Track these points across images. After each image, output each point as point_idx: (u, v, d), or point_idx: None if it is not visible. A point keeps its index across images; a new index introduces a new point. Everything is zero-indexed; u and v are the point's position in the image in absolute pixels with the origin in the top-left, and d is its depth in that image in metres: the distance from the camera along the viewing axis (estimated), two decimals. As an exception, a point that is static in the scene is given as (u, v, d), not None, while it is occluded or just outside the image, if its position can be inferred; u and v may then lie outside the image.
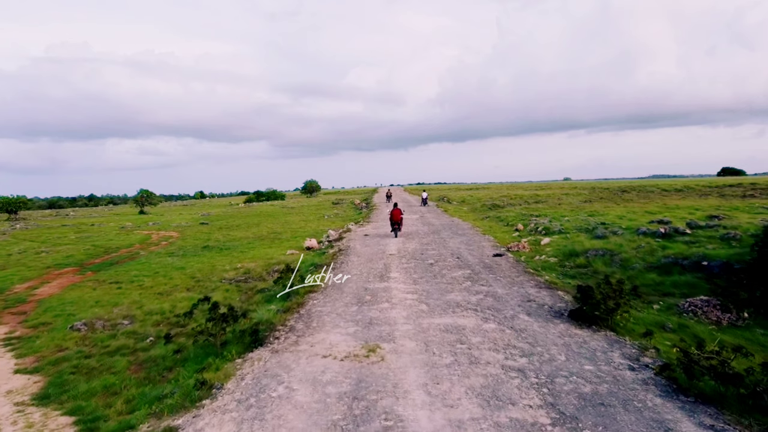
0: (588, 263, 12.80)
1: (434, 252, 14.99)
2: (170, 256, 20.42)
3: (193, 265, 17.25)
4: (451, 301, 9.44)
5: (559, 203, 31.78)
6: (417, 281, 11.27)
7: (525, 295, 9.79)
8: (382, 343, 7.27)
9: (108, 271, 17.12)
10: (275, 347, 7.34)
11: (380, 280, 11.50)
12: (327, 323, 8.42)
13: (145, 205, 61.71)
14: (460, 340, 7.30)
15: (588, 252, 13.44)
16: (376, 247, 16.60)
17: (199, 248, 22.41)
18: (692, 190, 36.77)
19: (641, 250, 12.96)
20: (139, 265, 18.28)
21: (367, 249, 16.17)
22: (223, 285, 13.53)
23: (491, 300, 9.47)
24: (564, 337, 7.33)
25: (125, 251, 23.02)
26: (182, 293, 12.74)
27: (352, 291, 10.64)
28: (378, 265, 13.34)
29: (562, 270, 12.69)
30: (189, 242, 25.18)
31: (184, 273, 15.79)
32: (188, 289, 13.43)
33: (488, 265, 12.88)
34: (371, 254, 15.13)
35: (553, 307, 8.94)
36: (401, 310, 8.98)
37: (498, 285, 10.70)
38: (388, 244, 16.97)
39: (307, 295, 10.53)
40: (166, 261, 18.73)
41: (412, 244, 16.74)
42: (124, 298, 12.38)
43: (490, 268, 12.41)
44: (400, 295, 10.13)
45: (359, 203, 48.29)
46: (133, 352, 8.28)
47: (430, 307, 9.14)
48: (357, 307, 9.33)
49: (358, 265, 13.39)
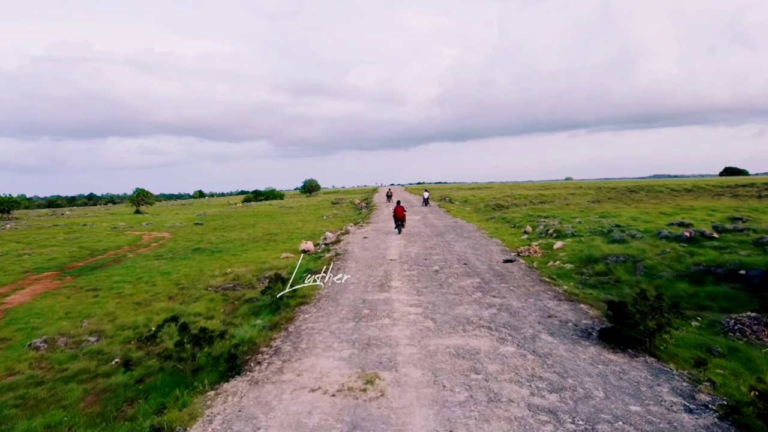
0: (608, 270, 11.65)
1: (439, 257, 13.85)
2: (158, 259, 19.29)
3: (179, 270, 16.12)
4: (461, 317, 8.30)
5: (566, 204, 30.62)
6: (421, 291, 10.13)
7: (544, 309, 8.64)
8: (381, 372, 6.13)
9: (89, 276, 15.98)
10: (255, 376, 6.19)
11: (380, 290, 10.35)
12: (318, 344, 7.28)
13: (141, 204, 60.58)
14: (474, 368, 6.16)
15: (608, 258, 12.29)
16: (376, 251, 15.45)
17: (190, 250, 21.28)
18: (702, 190, 35.60)
19: (666, 256, 11.81)
20: (124, 269, 17.15)
21: (367, 253, 15.03)
22: (209, 293, 12.39)
23: (506, 315, 8.33)
24: (598, 365, 6.18)
25: (112, 253, 21.89)
26: (163, 303, 11.60)
27: (349, 303, 9.49)
28: (378, 272, 12.20)
29: (580, 278, 11.55)
30: (180, 244, 24.05)
31: (169, 279, 14.66)
32: (170, 297, 12.29)
33: (499, 272, 11.73)
34: (371, 259, 13.99)
35: (578, 325, 7.80)
36: (404, 328, 7.84)
37: (512, 296, 9.55)
38: (389, 248, 15.83)
39: (297, 307, 9.39)
40: (153, 265, 17.60)
41: (415, 248, 15.59)
42: (98, 309, 11.24)
43: (502, 276, 11.26)
44: (402, 308, 8.99)
45: (359, 203, 47.16)
46: (93, 378, 7.14)
47: (437, 323, 7.99)
48: (353, 324, 8.19)
49: (356, 272, 12.24)
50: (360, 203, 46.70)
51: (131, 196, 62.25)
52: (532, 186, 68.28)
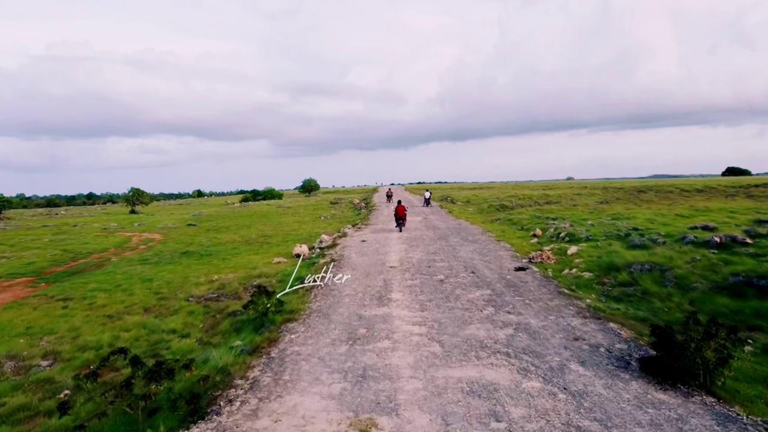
0: (633, 281, 10.46)
1: (443, 264, 12.65)
2: (142, 263, 18.10)
3: (163, 277, 14.93)
4: (473, 339, 7.11)
5: (573, 204, 29.41)
6: (425, 305, 8.93)
7: (568, 330, 7.45)
8: (379, 417, 4.95)
9: (64, 283, 14.79)
10: (223, 422, 5.00)
11: (378, 304, 9.16)
12: (304, 375, 6.09)
13: (136, 204, 59.39)
14: (494, 412, 4.97)
15: (631, 266, 11.10)
16: (375, 256, 14.25)
17: (178, 254, 20.09)
18: (714, 190, 34.37)
19: (698, 264, 10.62)
20: (104, 275, 15.96)
21: (365, 259, 13.83)
22: (189, 305, 11.20)
23: (525, 337, 7.14)
24: (647, 408, 4.99)
25: (96, 257, 20.70)
26: (136, 317, 10.41)
27: (343, 320, 8.30)
28: (376, 281, 11.00)
29: (602, 289, 10.36)
30: (169, 246, 22.86)
31: (150, 287, 13.46)
32: (147, 309, 11.10)
33: (511, 282, 10.54)
34: (369, 266, 12.79)
35: (612, 351, 6.60)
36: (406, 353, 6.66)
37: (529, 312, 8.35)
38: (388, 253, 14.63)
39: (284, 325, 8.19)
40: (135, 270, 16.41)
41: (417, 253, 14.39)
42: (62, 323, 10.04)
43: (515, 287, 10.07)
44: (404, 327, 7.80)
45: (358, 203, 45.98)
46: (32, 418, 5.94)
47: (444, 348, 6.80)
48: (347, 347, 7.00)
49: (352, 282, 11.05)
50: (359, 203, 45.53)
51: (126, 196, 61.05)
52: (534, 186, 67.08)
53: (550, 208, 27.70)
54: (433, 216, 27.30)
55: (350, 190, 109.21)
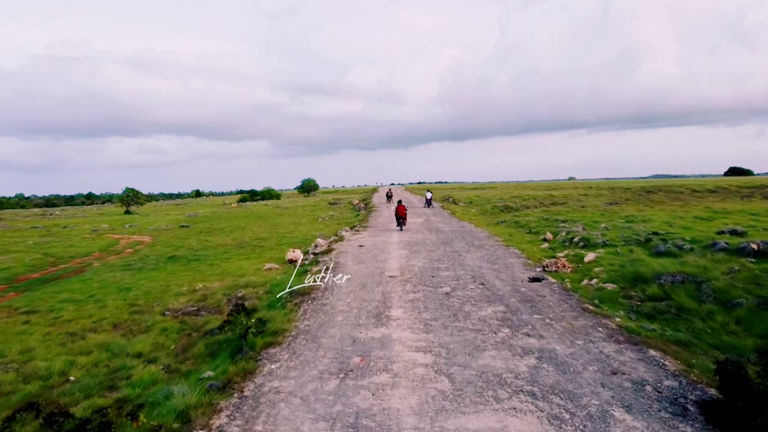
0: (665, 294, 9.24)
1: (449, 273, 11.43)
2: (125, 269, 16.92)
3: (142, 285, 13.74)
4: (488, 372, 5.91)
5: (582, 206, 28.19)
6: (429, 326, 7.72)
7: (602, 359, 6.24)
8: (373, 494, 3.74)
9: (35, 293, 13.60)
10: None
11: (376, 323, 7.95)
12: (282, 424, 4.88)
13: (131, 204, 58.22)
14: (525, 488, 3.76)
15: (661, 277, 9.87)
16: (373, 263, 13.04)
17: (164, 259, 18.91)
18: (727, 190, 33.12)
19: (737, 276, 9.40)
20: (80, 283, 14.77)
21: (362, 267, 12.61)
22: (164, 320, 10.00)
23: (552, 370, 5.92)
24: (726, 482, 3.79)
25: (77, 262, 19.51)
26: (102, 335, 9.20)
27: (334, 344, 7.09)
28: (374, 294, 9.78)
29: (630, 304, 9.14)
30: (157, 250, 21.68)
31: (125, 297, 12.27)
32: (115, 326, 9.89)
33: (527, 296, 9.32)
34: (366, 276, 11.58)
35: (661, 390, 5.39)
36: (408, 391, 5.45)
37: (552, 335, 7.15)
38: (388, 260, 13.41)
39: (265, 350, 6.99)
40: (115, 278, 15.22)
41: (419, 260, 13.18)
42: (16, 344, 8.83)
43: (532, 303, 8.85)
44: (405, 354, 6.59)
45: (357, 203, 44.80)
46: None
47: (455, 384, 5.60)
48: (337, 382, 5.79)
49: (346, 295, 9.84)
50: (358, 204, 44.35)
51: (121, 196, 59.88)
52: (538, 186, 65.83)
53: (558, 210, 26.49)
54: (435, 218, 26.09)
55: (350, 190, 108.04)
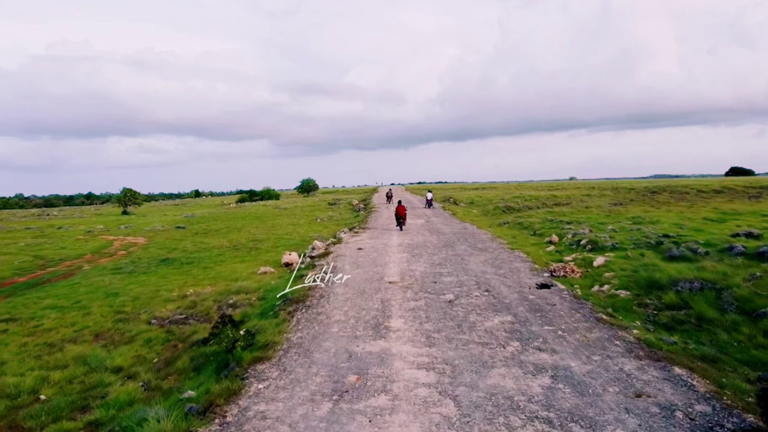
0: (683, 302, 8.65)
1: (452, 279, 10.83)
2: (115, 273, 16.34)
3: (131, 290, 13.16)
4: (498, 393, 5.32)
5: (586, 207, 27.60)
6: (432, 338, 7.14)
7: (623, 379, 5.65)
8: None
9: (18, 299, 13.02)
10: None
11: (374, 335, 7.36)
12: (265, 457, 4.30)
13: (128, 204, 57.62)
14: None
15: (677, 283, 9.28)
16: (372, 268, 12.45)
17: (156, 262, 18.32)
18: (733, 191, 32.53)
19: (760, 282, 8.81)
20: (67, 287, 14.19)
21: (360, 272, 12.02)
22: (150, 329, 9.41)
23: (569, 391, 5.34)
24: None
25: (67, 265, 18.93)
26: (81, 346, 8.62)
27: (328, 360, 6.51)
28: (372, 302, 9.19)
29: (646, 313, 8.55)
30: (150, 252, 21.09)
31: (112, 304, 11.69)
32: (97, 335, 9.31)
33: (536, 304, 8.73)
34: (364, 281, 10.99)
35: (693, 416, 4.80)
36: (410, 417, 4.87)
37: (566, 350, 6.56)
38: (387, 264, 12.82)
39: (252, 366, 6.40)
40: (103, 282, 14.64)
41: (420, 264, 12.59)
42: (-12, 356, 8.25)
43: (541, 312, 8.26)
44: (406, 371, 6.01)
45: (357, 204, 44.22)
46: None
47: (461, 409, 5.02)
48: (330, 405, 5.21)
49: (343, 303, 9.25)
50: (358, 204, 43.77)
51: (118, 196, 59.26)
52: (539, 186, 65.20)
53: (561, 210, 25.90)
54: (436, 219, 25.49)
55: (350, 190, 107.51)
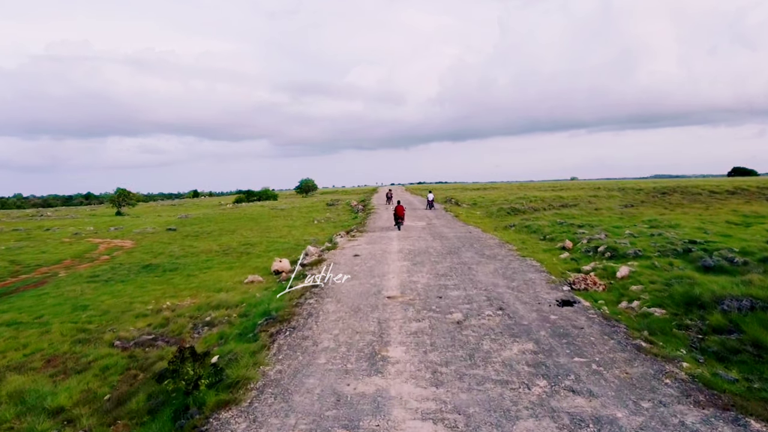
0: (732, 325, 7.37)
1: (459, 293, 9.54)
2: (90, 281, 15.07)
3: (103, 302, 11.90)
4: (529, 462, 4.05)
5: (595, 208, 26.31)
6: (439, 374, 5.86)
7: (688, 438, 4.38)
8: None
9: (-24, 312, 11.74)
10: None
11: (368, 369, 6.08)
12: None
13: (122, 205, 56.30)
14: None
15: (722, 301, 7.99)
16: (369, 279, 11.15)
17: (138, 268, 17.06)
18: (747, 192, 31.23)
19: (822, 301, 7.53)
20: (33, 298, 12.92)
21: (355, 285, 10.73)
22: (111, 353, 8.14)
23: (622, 460, 4.06)
24: None
25: (43, 271, 17.65)
26: (26, 376, 7.32)
27: (311, 405, 5.23)
28: (368, 323, 7.91)
29: (689, 337, 7.27)
30: (135, 257, 19.83)
31: (77, 319, 10.42)
32: (50, 361, 8.03)
33: (560, 327, 7.44)
34: (359, 296, 9.70)
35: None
36: (413, 502, 3.59)
37: (606, 391, 5.28)
38: (386, 274, 11.53)
39: (216, 413, 5.13)
40: (75, 292, 13.37)
41: (423, 275, 11.30)
42: None
43: (567, 337, 6.98)
44: (408, 424, 4.73)
45: (356, 205, 42.95)
46: None
47: (482, 489, 3.74)
48: (307, 480, 3.93)
49: (334, 324, 7.96)
50: (356, 205, 42.50)
51: (112, 196, 57.94)
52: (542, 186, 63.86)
53: (570, 212, 24.61)
54: (437, 221, 24.20)
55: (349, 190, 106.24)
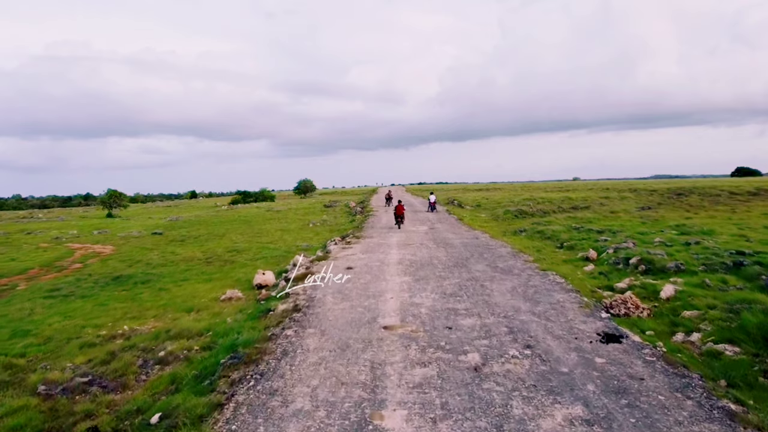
0: (841, 374, 5.56)
1: (473, 322, 7.70)
2: (49, 296, 13.29)
3: (50, 325, 10.12)
4: None
5: (610, 211, 24.47)
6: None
7: None
8: None
9: None
10: None
11: (355, 452, 4.28)
12: None
13: (114, 207, 54.44)
14: None
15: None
16: (363, 301, 9.30)
17: (108, 279, 15.28)
18: (769, 192, 29.42)
19: None
20: (-27, 319, 11.12)
21: (345, 308, 8.89)
22: (29, 405, 6.30)
23: None
24: None
25: (2, 283, 15.86)
26: None
27: None
28: (357, 368, 6.07)
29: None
30: (109, 266, 18.04)
31: (8, 351, 8.62)
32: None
33: (611, 377, 5.62)
34: (349, 325, 7.87)
35: None
36: None
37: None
38: (383, 295, 9.69)
39: None
40: (23, 311, 11.59)
41: (427, 296, 9.45)
42: None
43: (626, 395, 5.17)
44: None
45: (354, 206, 41.15)
46: None
47: None
48: None
49: (313, 369, 6.13)
50: (355, 207, 40.68)
51: (103, 198, 56.07)
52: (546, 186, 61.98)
53: (584, 216, 22.79)
54: (441, 225, 22.37)
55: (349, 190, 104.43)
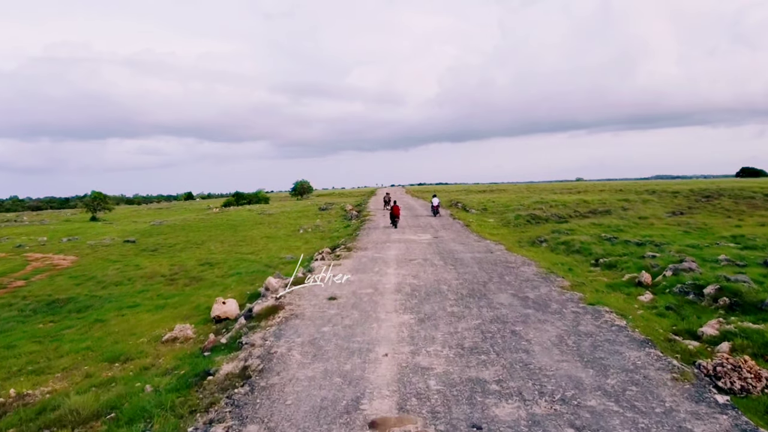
0: None
1: (512, 411, 4.88)
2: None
3: None
4: None
5: (639, 217, 21.63)
6: None
7: None
8: None
9: None
10: None
11: None
12: None
13: (98, 210, 51.65)
14: None
15: None
16: (343, 361, 6.44)
17: (41, 305, 12.50)
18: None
19: None
20: None
21: (316, 374, 6.05)
22: None
23: None
24: None
25: None
26: None
27: None
28: None
29: None
30: (54, 284, 15.25)
31: None
32: None
33: None
34: (316, 416, 5.05)
35: None
36: None
37: None
38: (373, 349, 6.84)
39: None
40: None
41: (436, 353, 6.59)
42: None
43: None
44: None
45: (350, 210, 38.32)
46: None
47: None
48: None
49: None
50: (351, 210, 37.86)
51: (86, 200, 53.28)
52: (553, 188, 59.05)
53: (610, 222, 19.96)
54: (446, 233, 19.52)
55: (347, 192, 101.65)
